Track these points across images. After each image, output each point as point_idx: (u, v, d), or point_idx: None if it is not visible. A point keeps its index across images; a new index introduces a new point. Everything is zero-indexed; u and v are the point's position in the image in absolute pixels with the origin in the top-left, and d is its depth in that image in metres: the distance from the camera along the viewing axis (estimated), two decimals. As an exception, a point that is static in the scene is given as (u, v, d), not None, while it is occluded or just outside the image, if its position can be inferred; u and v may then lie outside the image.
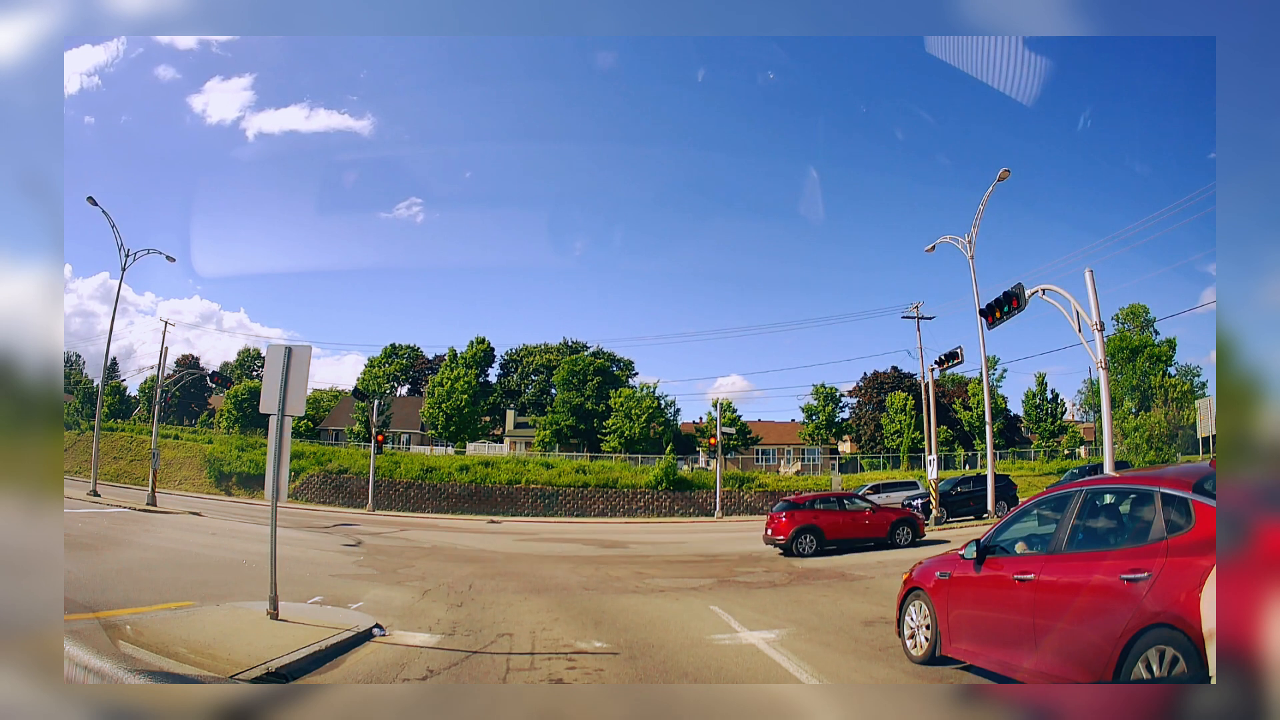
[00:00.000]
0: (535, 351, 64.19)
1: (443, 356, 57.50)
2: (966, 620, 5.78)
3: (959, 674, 5.71)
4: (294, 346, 8.17)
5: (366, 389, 54.09)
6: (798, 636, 7.91)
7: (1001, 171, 22.71)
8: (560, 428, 52.01)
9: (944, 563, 6.40)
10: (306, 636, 6.99)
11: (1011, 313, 15.60)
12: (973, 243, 24.81)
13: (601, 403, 52.00)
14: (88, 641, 3.45)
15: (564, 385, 54.14)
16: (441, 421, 49.63)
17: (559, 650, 7.30)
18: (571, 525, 31.74)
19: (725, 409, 46.11)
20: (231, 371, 65.94)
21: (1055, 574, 4.78)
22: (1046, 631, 4.65)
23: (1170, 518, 4.13)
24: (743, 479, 41.02)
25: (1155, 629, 3.81)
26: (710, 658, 7.04)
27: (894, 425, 49.44)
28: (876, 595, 10.39)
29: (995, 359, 46.57)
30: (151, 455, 28.88)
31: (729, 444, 44.73)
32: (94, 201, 27.93)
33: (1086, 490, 5.14)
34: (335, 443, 50.34)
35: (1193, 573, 3.68)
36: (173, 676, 3.91)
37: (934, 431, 26.32)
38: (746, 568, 14.98)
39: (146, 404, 48.45)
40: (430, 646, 7.39)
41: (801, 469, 51.00)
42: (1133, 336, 42.55)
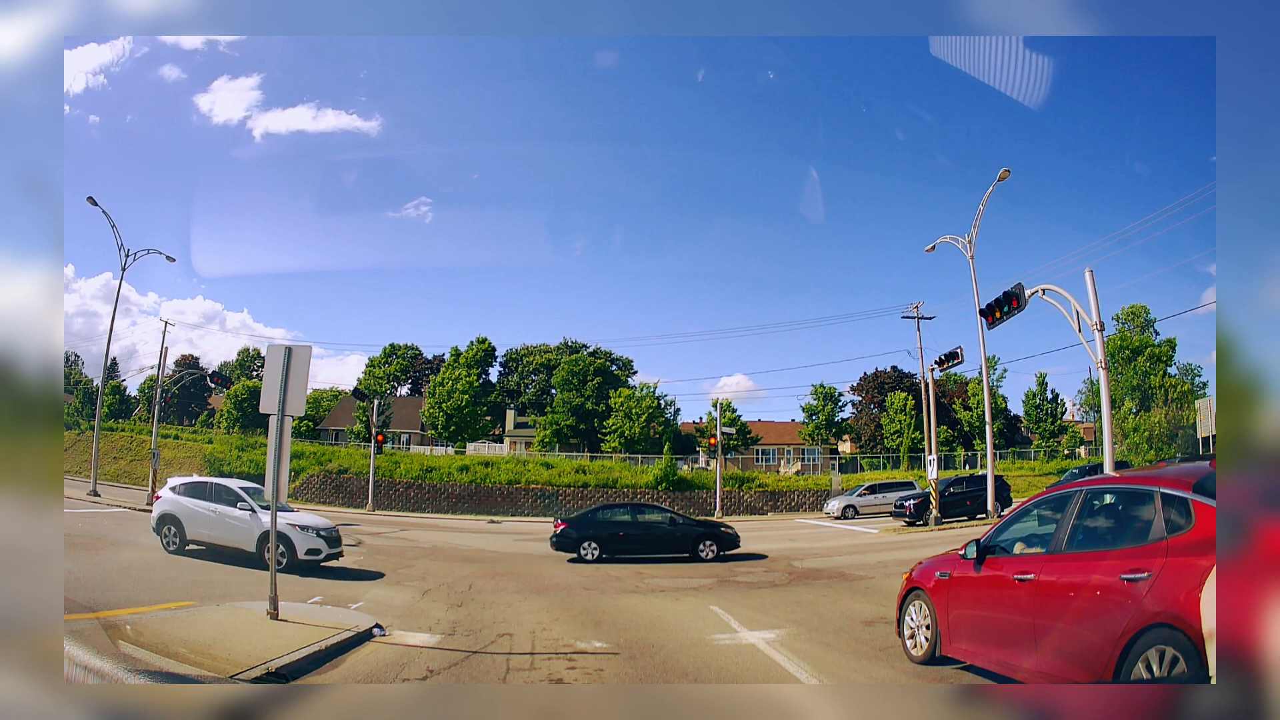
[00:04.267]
0: (535, 351, 64.18)
1: (443, 356, 57.51)
2: (966, 620, 5.78)
3: (959, 674, 5.71)
4: (294, 346, 8.18)
5: (367, 389, 54.09)
6: (798, 636, 7.91)
7: (1002, 171, 22.71)
8: (560, 428, 52.00)
9: (944, 563, 6.40)
10: (306, 636, 6.99)
11: (1011, 313, 15.60)
12: (973, 243, 24.80)
13: (601, 403, 51.98)
14: (88, 641, 3.45)
15: (564, 385, 54.12)
16: (441, 421, 49.61)
17: (559, 650, 7.30)
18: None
19: (725, 409, 46.11)
20: (231, 371, 65.92)
21: (1055, 574, 4.78)
22: (1046, 631, 4.65)
23: (1170, 518, 4.13)
24: (743, 479, 40.98)
25: (1155, 629, 3.81)
26: (710, 658, 7.04)
27: (894, 425, 49.43)
28: (876, 595, 10.39)
29: (995, 359, 46.62)
30: (151, 455, 28.88)
31: (729, 444, 44.72)
32: (94, 201, 27.93)
33: (1086, 490, 5.14)
34: (335, 443, 50.31)
35: (1193, 573, 3.68)
36: (173, 676, 3.90)
37: (934, 431, 26.30)
38: (746, 568, 14.97)
39: (146, 404, 48.43)
40: (430, 646, 7.40)
41: (801, 469, 50.96)
42: (1133, 336, 42.54)
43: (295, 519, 13.34)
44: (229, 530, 13.14)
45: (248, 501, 13.26)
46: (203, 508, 13.45)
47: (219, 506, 13.36)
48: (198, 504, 13.52)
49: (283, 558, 11.98)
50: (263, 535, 12.45)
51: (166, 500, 13.89)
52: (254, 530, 12.82)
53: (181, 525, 13.48)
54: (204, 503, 13.51)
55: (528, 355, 64.53)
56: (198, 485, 14.29)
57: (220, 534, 13.23)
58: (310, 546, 12.79)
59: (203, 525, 13.38)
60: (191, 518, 13.47)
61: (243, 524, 13.04)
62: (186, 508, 13.56)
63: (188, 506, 13.58)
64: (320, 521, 13.69)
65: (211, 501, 13.50)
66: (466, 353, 53.32)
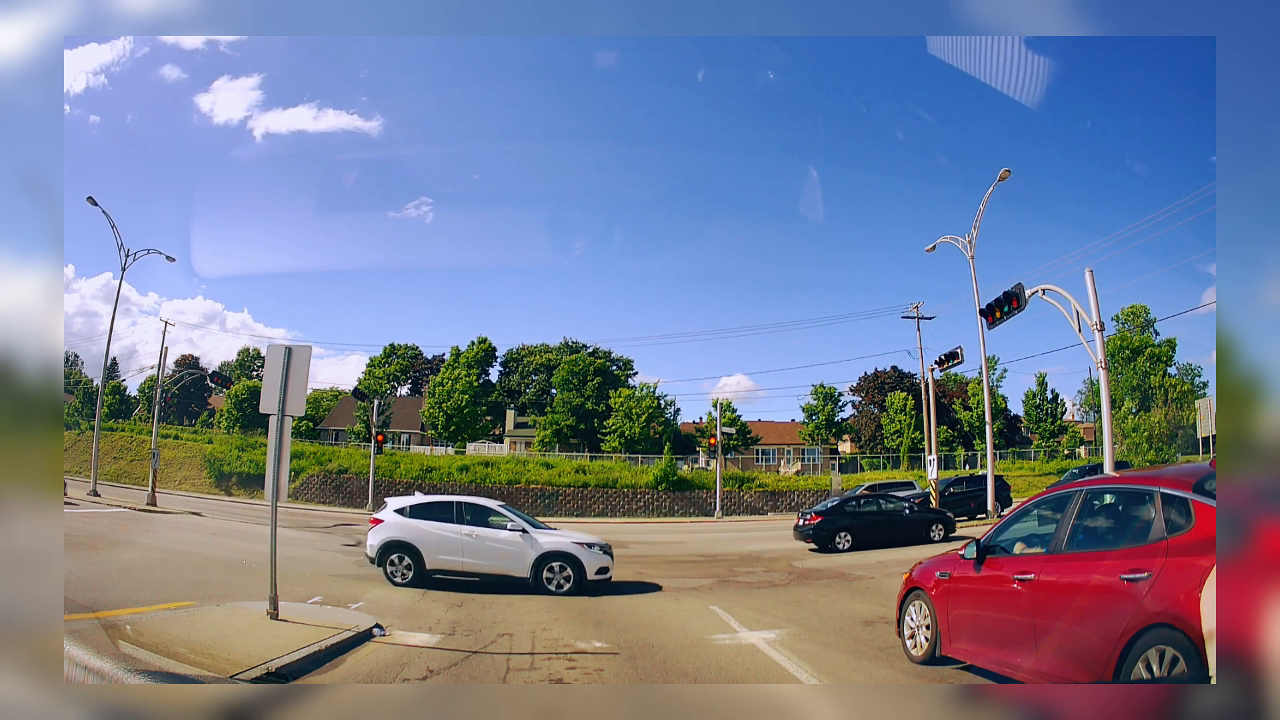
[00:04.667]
0: (535, 351, 64.17)
1: (443, 356, 57.53)
2: (966, 620, 5.78)
3: (959, 674, 5.71)
4: (294, 346, 8.18)
5: (367, 389, 54.07)
6: (798, 636, 7.91)
7: (1002, 171, 22.73)
8: (560, 428, 52.00)
9: (944, 563, 6.40)
10: (306, 636, 6.99)
11: (1011, 313, 15.60)
12: (973, 243, 24.81)
13: (601, 403, 51.98)
14: (88, 641, 3.45)
15: (564, 385, 54.13)
16: (442, 421, 49.62)
17: (559, 650, 7.30)
18: (571, 525, 31.73)
19: (725, 409, 46.12)
20: (231, 371, 65.90)
21: (1055, 574, 4.78)
22: (1046, 631, 4.65)
23: (1170, 518, 4.13)
24: (743, 479, 41.00)
25: (1155, 629, 3.81)
26: (710, 658, 7.04)
27: (894, 425, 49.42)
28: (876, 595, 10.39)
29: (995, 359, 46.60)
30: (151, 455, 28.88)
31: (729, 444, 44.72)
32: (94, 201, 27.95)
33: (1086, 490, 5.14)
34: (335, 443, 50.33)
35: (1193, 573, 3.68)
36: (173, 676, 3.90)
37: (934, 431, 26.33)
38: (746, 568, 14.98)
39: (146, 404, 48.46)
40: (430, 646, 7.40)
41: (801, 469, 50.96)
42: (1133, 337, 42.52)
43: (575, 537, 12.19)
44: (493, 555, 11.71)
45: (517, 521, 12.04)
46: (449, 531, 11.81)
47: (477, 529, 11.85)
48: (441, 527, 11.87)
49: (566, 580, 11.39)
50: (541, 558, 11.51)
51: (393, 525, 11.93)
52: (529, 554, 11.57)
53: (418, 552, 11.67)
54: (450, 525, 11.89)
55: (528, 355, 64.53)
56: (438, 505, 12.60)
57: (479, 560, 11.74)
58: (600, 565, 11.73)
59: (449, 551, 11.72)
60: (433, 543, 11.73)
61: (514, 547, 11.66)
62: (425, 532, 11.79)
63: (426, 530, 11.80)
64: (594, 538, 12.46)
65: (461, 523, 11.92)
66: (466, 353, 53.34)
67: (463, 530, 11.84)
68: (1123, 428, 36.21)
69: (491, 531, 11.87)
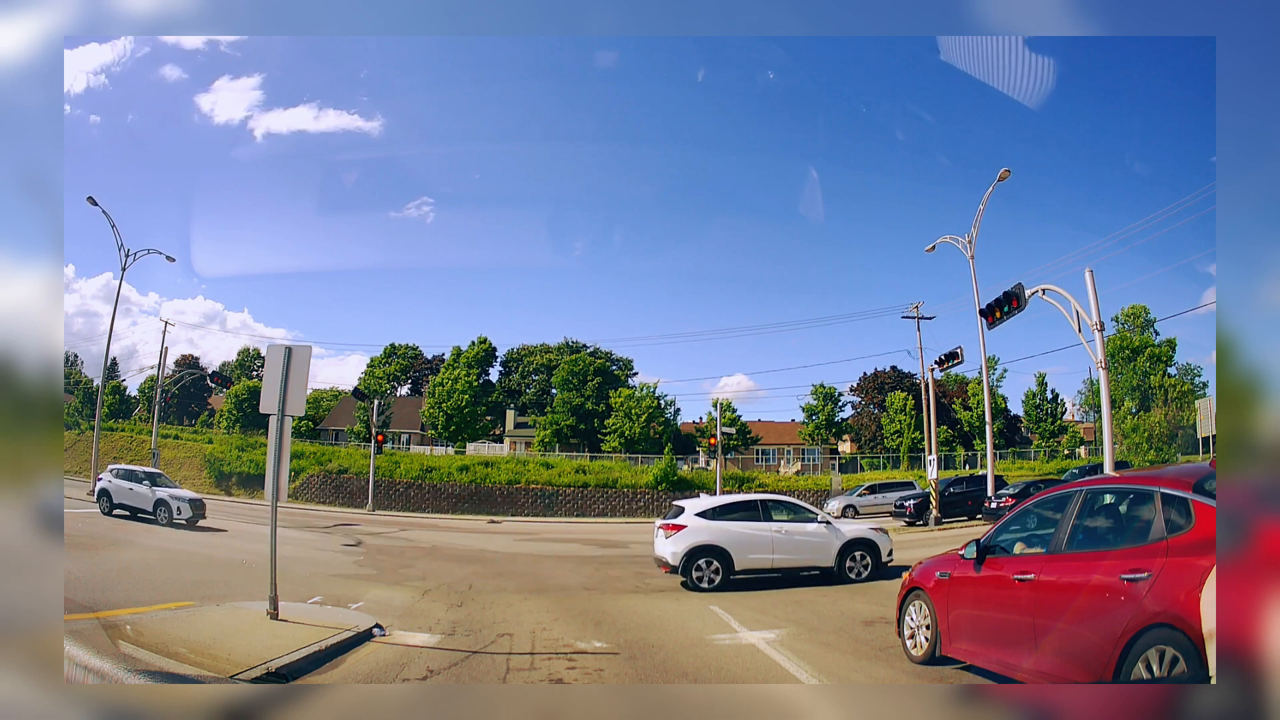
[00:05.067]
0: (535, 351, 64.18)
1: (443, 356, 57.52)
2: (966, 620, 5.78)
3: (959, 674, 5.71)
4: (294, 346, 8.18)
5: (367, 389, 54.09)
6: (797, 636, 7.91)
7: (1002, 171, 22.69)
8: (560, 428, 52.00)
9: (944, 563, 6.40)
10: (306, 636, 6.99)
11: (1011, 313, 15.60)
12: (973, 243, 24.80)
13: (601, 403, 51.98)
14: (88, 641, 3.45)
15: (564, 385, 54.13)
16: (442, 421, 49.61)
17: (559, 650, 7.30)
18: (571, 525, 31.74)
19: (725, 409, 46.11)
20: (231, 371, 65.92)
21: (1055, 574, 4.78)
22: (1046, 631, 4.65)
23: (1170, 518, 4.12)
24: (743, 479, 40.98)
25: (1155, 629, 3.81)
26: (710, 658, 7.04)
27: (894, 425, 49.43)
28: (876, 595, 10.38)
29: (995, 359, 46.60)
30: (151, 455, 28.91)
31: (729, 444, 44.73)
32: (94, 201, 27.98)
33: (1086, 490, 5.14)
34: (335, 443, 50.31)
35: (1193, 573, 3.68)
36: (173, 676, 3.90)
37: (934, 431, 26.31)
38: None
39: (146, 404, 48.45)
40: (430, 646, 7.40)
41: (801, 469, 50.98)
42: (1133, 337, 42.52)
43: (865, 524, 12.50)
44: (802, 549, 11.95)
45: (814, 513, 12.40)
46: (759, 529, 11.88)
47: (785, 525, 12.01)
48: (750, 527, 11.90)
49: (865, 568, 11.87)
50: (845, 546, 11.90)
51: (699, 529, 11.74)
52: (834, 544, 11.91)
53: (728, 555, 11.60)
54: (758, 524, 11.95)
55: (528, 355, 64.54)
56: (742, 505, 12.63)
57: (789, 555, 11.91)
58: (890, 548, 12.16)
59: (759, 549, 11.79)
60: (743, 544, 11.73)
61: (821, 539, 11.99)
62: (733, 533, 11.76)
63: (735, 531, 11.78)
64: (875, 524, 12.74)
65: (770, 520, 12.03)
66: (467, 352, 53.33)
67: (772, 528, 11.95)
68: (1122, 428, 36.20)
69: (799, 525, 12.08)
